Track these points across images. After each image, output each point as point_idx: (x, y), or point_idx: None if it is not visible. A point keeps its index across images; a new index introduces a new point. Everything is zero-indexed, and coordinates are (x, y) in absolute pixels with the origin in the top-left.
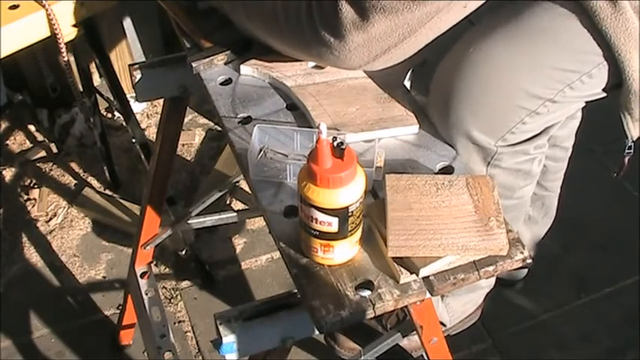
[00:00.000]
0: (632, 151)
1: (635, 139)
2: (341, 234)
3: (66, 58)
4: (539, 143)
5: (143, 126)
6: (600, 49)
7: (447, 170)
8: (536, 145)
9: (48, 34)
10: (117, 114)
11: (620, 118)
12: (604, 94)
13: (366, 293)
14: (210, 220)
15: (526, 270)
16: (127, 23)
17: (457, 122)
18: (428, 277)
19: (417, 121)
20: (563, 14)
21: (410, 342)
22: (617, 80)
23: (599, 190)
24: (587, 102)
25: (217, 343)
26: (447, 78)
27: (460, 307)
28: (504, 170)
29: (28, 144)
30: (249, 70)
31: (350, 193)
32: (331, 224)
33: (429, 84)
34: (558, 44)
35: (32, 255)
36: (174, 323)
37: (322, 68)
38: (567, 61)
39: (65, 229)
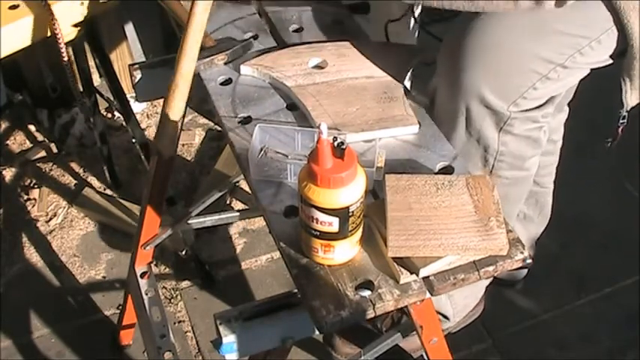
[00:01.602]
0: (625, 121)
1: (629, 108)
2: (341, 234)
3: (66, 58)
4: (546, 112)
5: (143, 126)
6: (610, 14)
7: (447, 170)
8: (543, 114)
9: (48, 34)
10: (117, 114)
11: (620, 86)
12: (610, 61)
13: (366, 293)
14: (210, 220)
15: (526, 270)
16: (127, 23)
17: (470, 85)
18: (428, 277)
19: (417, 121)
20: None
21: (410, 343)
22: (622, 47)
23: (599, 189)
24: (592, 69)
25: (217, 343)
26: (458, 42)
27: (462, 299)
28: (516, 137)
29: (28, 144)
30: (249, 70)
31: (350, 193)
32: (332, 224)
33: (429, 84)
34: (568, 10)
35: (32, 255)
36: (174, 323)
37: (322, 68)
38: (577, 27)
39: (65, 229)
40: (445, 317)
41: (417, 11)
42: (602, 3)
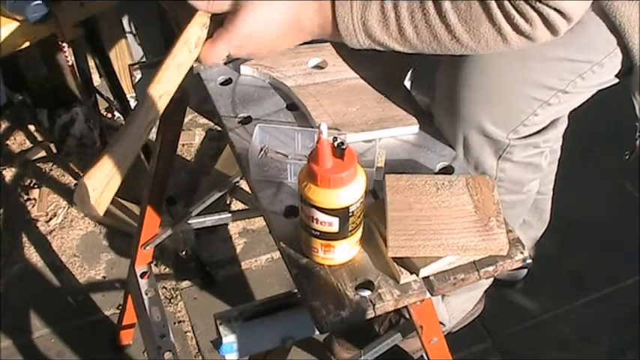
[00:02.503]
0: None
1: None
2: (341, 234)
3: (67, 58)
4: (548, 137)
5: None
6: (614, 36)
7: (447, 170)
8: (545, 139)
9: (48, 34)
10: (117, 114)
11: (632, 102)
12: (616, 81)
13: (366, 293)
14: (210, 220)
15: (526, 270)
16: (127, 23)
17: (468, 115)
18: (428, 277)
19: (417, 121)
20: None
21: (410, 344)
22: (629, 65)
23: (599, 190)
24: (599, 90)
25: (217, 343)
26: (455, 70)
27: (460, 305)
28: (515, 164)
29: (28, 144)
30: (249, 70)
31: (350, 193)
32: (332, 224)
33: (430, 83)
34: (567, 34)
35: (32, 255)
36: (174, 323)
37: (322, 68)
38: (578, 51)
39: (65, 229)
40: (441, 324)
41: None
42: (604, 25)
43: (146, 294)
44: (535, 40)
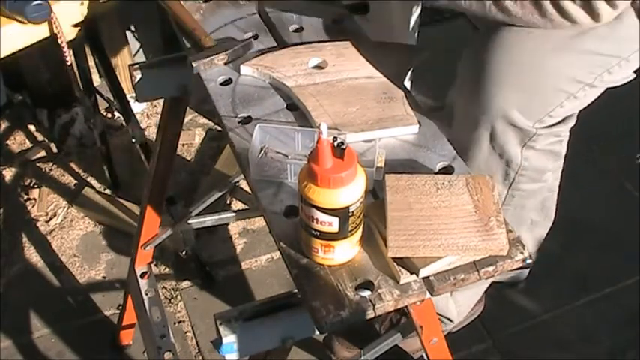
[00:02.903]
0: None
1: None
2: (341, 234)
3: (67, 58)
4: (568, 126)
5: (143, 126)
6: None
7: (447, 170)
8: (565, 128)
9: (48, 34)
10: (117, 114)
11: None
12: (634, 76)
13: (367, 293)
14: (210, 220)
15: (528, 270)
16: (127, 24)
17: (497, 106)
18: (428, 277)
19: (417, 121)
20: None
21: (411, 343)
22: None
23: (599, 190)
24: (615, 86)
25: (217, 343)
26: (483, 61)
27: (466, 300)
28: (538, 152)
29: (28, 144)
30: (249, 70)
31: (350, 193)
32: (332, 224)
33: (430, 83)
34: (599, 29)
35: (32, 255)
36: (174, 323)
37: (322, 68)
38: (608, 46)
39: (65, 229)
40: (449, 320)
41: (417, 11)
42: (638, 22)
43: (146, 294)
44: (567, 16)
